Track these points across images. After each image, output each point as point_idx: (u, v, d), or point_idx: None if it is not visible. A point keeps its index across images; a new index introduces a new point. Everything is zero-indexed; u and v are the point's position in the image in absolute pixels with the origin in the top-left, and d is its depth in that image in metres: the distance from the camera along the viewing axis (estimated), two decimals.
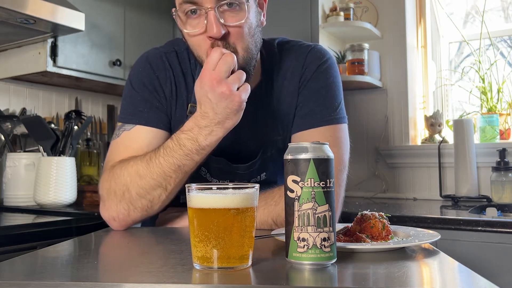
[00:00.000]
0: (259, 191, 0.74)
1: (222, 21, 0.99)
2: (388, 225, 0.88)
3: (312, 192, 0.69)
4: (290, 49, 1.20)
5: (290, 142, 0.96)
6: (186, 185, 0.73)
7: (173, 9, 1.05)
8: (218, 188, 0.71)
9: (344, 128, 1.17)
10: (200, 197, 0.71)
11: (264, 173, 1.22)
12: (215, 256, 0.69)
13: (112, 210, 1.09)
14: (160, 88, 1.17)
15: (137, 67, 1.21)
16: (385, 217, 0.89)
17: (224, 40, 1.01)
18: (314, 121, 1.14)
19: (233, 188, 0.71)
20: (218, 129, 1.00)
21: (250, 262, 0.71)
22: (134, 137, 1.14)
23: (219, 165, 1.18)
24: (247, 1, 1.02)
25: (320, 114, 1.14)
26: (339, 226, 0.91)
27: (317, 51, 1.19)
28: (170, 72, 1.17)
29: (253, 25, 1.06)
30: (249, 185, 0.72)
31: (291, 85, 1.17)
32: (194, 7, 1.00)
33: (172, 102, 1.17)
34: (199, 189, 0.71)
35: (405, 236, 0.90)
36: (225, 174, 1.20)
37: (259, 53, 1.13)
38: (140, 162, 1.06)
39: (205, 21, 0.99)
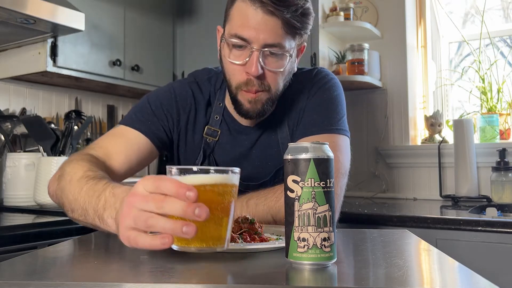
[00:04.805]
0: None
1: (262, 63, 1.06)
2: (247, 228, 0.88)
3: (313, 192, 0.69)
4: (298, 75, 1.23)
5: None
6: (167, 166, 0.72)
7: (221, 30, 1.12)
8: (199, 169, 0.71)
9: (345, 139, 1.18)
10: (180, 178, 0.70)
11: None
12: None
13: (51, 185, 1.09)
14: (176, 114, 1.22)
15: (160, 89, 1.27)
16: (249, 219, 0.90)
17: (259, 79, 1.08)
18: (315, 128, 1.16)
19: (214, 169, 0.71)
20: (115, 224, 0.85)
21: (226, 245, 0.71)
22: (123, 133, 1.18)
23: None
24: (290, 55, 1.09)
25: (321, 123, 1.17)
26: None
27: (322, 72, 1.26)
28: (191, 99, 1.24)
29: (288, 71, 1.14)
30: (230, 169, 0.72)
31: (299, 104, 1.22)
32: (243, 43, 1.06)
33: (189, 127, 1.23)
34: (180, 171, 0.70)
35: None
36: None
37: None
38: (77, 182, 0.98)
39: (247, 59, 1.06)
